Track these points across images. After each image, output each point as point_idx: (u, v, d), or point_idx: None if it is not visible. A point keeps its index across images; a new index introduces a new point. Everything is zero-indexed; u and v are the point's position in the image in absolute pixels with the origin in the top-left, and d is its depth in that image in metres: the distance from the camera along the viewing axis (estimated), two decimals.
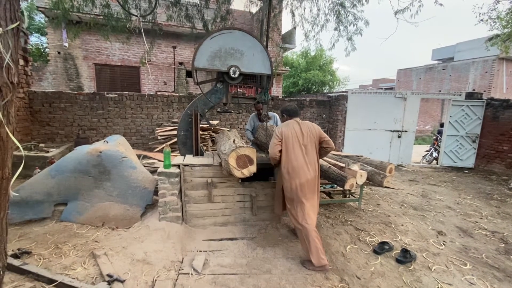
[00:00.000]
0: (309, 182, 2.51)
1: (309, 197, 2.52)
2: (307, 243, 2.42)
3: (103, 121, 6.23)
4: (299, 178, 2.48)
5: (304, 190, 2.49)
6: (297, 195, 2.50)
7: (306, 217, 2.47)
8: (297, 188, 2.49)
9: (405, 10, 4.86)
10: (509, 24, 5.61)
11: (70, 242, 2.68)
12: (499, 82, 14.12)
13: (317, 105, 8.15)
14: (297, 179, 2.48)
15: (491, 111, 6.98)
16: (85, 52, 9.31)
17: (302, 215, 2.48)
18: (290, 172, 2.52)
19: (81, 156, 3.22)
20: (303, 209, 2.49)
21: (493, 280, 2.39)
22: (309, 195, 2.52)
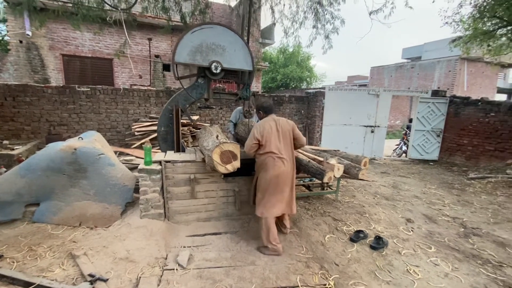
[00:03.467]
0: (285, 175, 2.64)
1: (283, 189, 2.66)
2: (266, 232, 2.61)
3: (75, 116, 5.89)
4: (275, 170, 2.60)
5: (278, 182, 2.62)
6: (270, 186, 2.62)
7: (273, 209, 2.63)
8: (271, 179, 2.60)
9: (379, 11, 5.10)
10: (470, 27, 6.09)
11: (45, 244, 2.56)
12: (460, 80, 15.29)
13: (296, 101, 8.32)
14: (274, 171, 2.59)
15: (453, 108, 7.58)
16: (51, 41, 8.66)
17: (269, 206, 2.62)
18: (267, 164, 2.62)
19: (54, 153, 3.05)
20: (272, 200, 2.63)
21: (454, 261, 2.66)
22: (283, 187, 2.66)
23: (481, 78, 16.01)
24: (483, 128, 6.89)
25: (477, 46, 6.48)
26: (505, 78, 19.06)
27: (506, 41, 6.03)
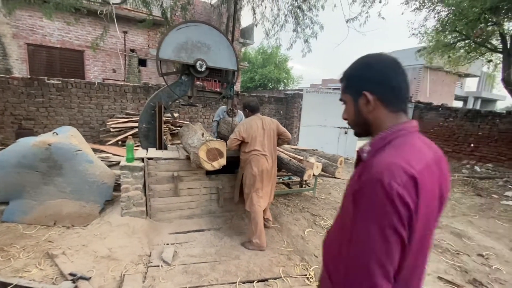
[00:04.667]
0: (268, 171, 2.78)
1: (265, 184, 2.81)
2: (254, 224, 2.71)
3: (43, 110, 5.51)
4: (259, 166, 2.72)
5: (262, 177, 2.75)
6: (255, 182, 2.74)
7: (260, 201, 2.76)
8: (256, 175, 2.72)
9: (355, 19, 5.42)
10: (433, 39, 6.67)
11: (18, 244, 2.43)
12: (423, 87, 16.56)
13: (275, 102, 8.51)
14: (257, 167, 2.72)
15: (418, 112, 8.24)
16: (15, 29, 7.98)
17: (257, 199, 2.74)
18: (252, 161, 2.74)
19: (25, 149, 2.88)
20: (258, 194, 2.76)
21: None
22: (266, 182, 2.80)
23: (441, 86, 17.48)
24: (443, 131, 7.58)
25: (439, 56, 7.11)
26: (462, 87, 20.99)
27: (464, 53, 6.70)
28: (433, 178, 0.73)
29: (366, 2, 5.30)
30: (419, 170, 0.67)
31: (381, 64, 0.80)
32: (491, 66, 6.76)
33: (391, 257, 0.65)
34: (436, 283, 2.40)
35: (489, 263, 2.77)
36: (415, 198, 0.65)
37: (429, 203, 0.70)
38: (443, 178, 0.77)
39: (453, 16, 5.61)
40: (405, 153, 0.71)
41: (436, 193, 0.74)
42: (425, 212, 0.68)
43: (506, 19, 5.20)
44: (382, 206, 0.64)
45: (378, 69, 0.79)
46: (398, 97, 0.79)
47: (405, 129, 0.76)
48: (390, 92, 0.79)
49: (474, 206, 4.49)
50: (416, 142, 0.75)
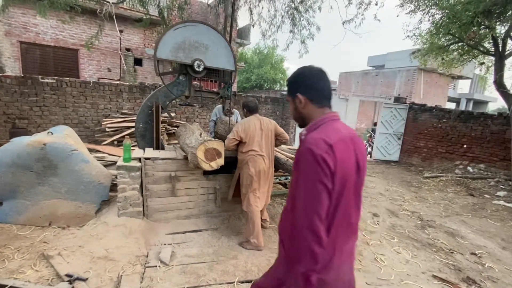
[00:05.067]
0: (265, 172, 2.80)
1: (262, 184, 2.82)
2: (251, 224, 2.72)
3: (37, 109, 5.44)
4: (256, 167, 2.74)
5: (259, 178, 2.77)
6: (253, 182, 2.75)
7: (257, 201, 2.77)
8: (253, 175, 2.73)
9: (351, 21, 5.47)
10: (427, 41, 6.77)
11: (12, 245, 2.39)
12: (417, 89, 16.77)
13: (272, 102, 8.53)
14: (254, 168, 2.73)
15: (412, 114, 8.35)
16: (8, 27, 7.85)
17: (254, 200, 2.76)
18: (249, 161, 2.75)
19: (20, 148, 2.84)
20: (255, 195, 2.77)
21: (413, 249, 2.99)
22: (263, 182, 2.82)
23: (435, 87, 17.72)
24: (436, 132, 7.69)
25: (433, 58, 7.21)
26: (455, 89, 21.34)
27: (457, 55, 6.81)
28: (348, 149, 0.98)
29: (362, 4, 5.36)
30: (334, 141, 0.93)
31: (309, 73, 1.07)
32: (483, 68, 6.89)
33: (323, 204, 0.88)
34: (431, 281, 2.44)
35: (482, 261, 2.83)
36: (334, 159, 0.89)
37: (346, 165, 0.94)
38: (358, 150, 1.01)
39: (447, 19, 5.70)
40: (326, 132, 0.97)
41: (352, 159, 0.98)
42: (343, 171, 0.92)
43: (498, 22, 5.31)
44: (313, 167, 0.89)
45: (307, 77, 1.07)
46: (322, 96, 1.07)
47: (328, 118, 1.04)
48: (316, 94, 1.06)
49: (467, 206, 4.57)
50: (335, 125, 1.02)
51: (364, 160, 1.04)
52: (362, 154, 1.03)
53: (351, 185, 0.97)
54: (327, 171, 0.87)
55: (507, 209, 4.51)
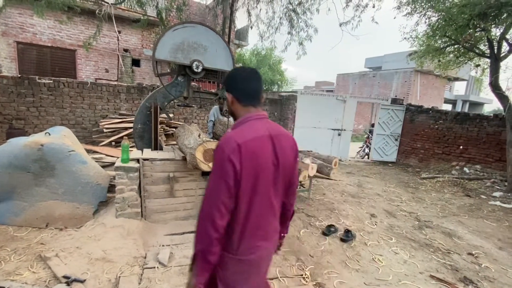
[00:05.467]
0: None
1: None
2: None
3: (34, 110, 5.39)
4: None
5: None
6: None
7: None
8: None
9: (348, 23, 5.51)
10: (424, 43, 6.83)
11: (8, 247, 2.37)
12: (414, 90, 16.90)
13: (270, 104, 8.55)
14: None
15: (409, 115, 8.41)
16: (5, 27, 7.79)
17: None
18: None
19: (17, 149, 2.82)
20: None
21: (411, 250, 3.01)
22: None
23: (431, 89, 17.88)
24: (433, 133, 7.75)
25: (429, 60, 7.27)
26: (451, 90, 21.52)
27: (453, 58, 6.87)
28: (263, 146, 1.08)
29: (359, 7, 5.40)
30: (245, 140, 1.03)
31: (238, 74, 1.17)
32: (479, 70, 6.95)
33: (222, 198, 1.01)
34: (428, 281, 2.45)
35: (479, 261, 2.85)
36: (240, 158, 1.00)
37: (258, 161, 1.05)
38: (278, 147, 1.12)
39: (443, 21, 5.76)
40: (241, 131, 1.08)
41: (268, 155, 1.09)
42: (254, 166, 1.04)
43: (493, 25, 5.37)
44: (220, 164, 1.02)
45: (235, 78, 1.17)
46: (247, 97, 1.15)
47: (251, 117, 1.13)
48: (241, 93, 1.15)
49: (463, 207, 4.60)
50: (255, 125, 1.11)
51: (285, 155, 1.15)
52: (283, 150, 1.13)
53: (268, 177, 1.10)
54: (231, 170, 0.99)
55: (503, 209, 4.55)
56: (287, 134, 1.20)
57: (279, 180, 1.14)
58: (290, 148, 1.18)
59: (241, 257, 1.10)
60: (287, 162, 1.16)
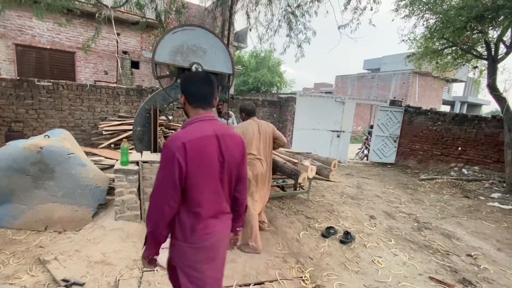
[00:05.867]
0: (262, 174, 2.82)
1: (260, 187, 2.85)
2: (250, 228, 2.71)
3: (33, 112, 5.39)
4: (254, 170, 2.75)
5: (257, 181, 2.78)
6: (251, 185, 2.76)
7: (255, 205, 2.78)
8: (251, 179, 2.74)
9: (346, 25, 5.54)
10: (422, 45, 6.87)
11: (7, 250, 2.37)
12: (413, 92, 16.97)
13: (269, 105, 8.57)
14: (252, 171, 2.75)
15: (408, 116, 8.44)
16: (3, 29, 7.79)
17: (252, 203, 2.76)
18: (247, 165, 2.75)
19: (16, 152, 2.82)
20: (253, 197, 2.78)
21: (410, 251, 3.02)
22: (261, 185, 2.84)
23: (430, 90, 17.96)
24: (431, 135, 7.78)
25: (427, 62, 7.31)
26: (449, 92, 21.62)
27: (451, 59, 6.91)
28: (208, 145, 1.18)
29: (357, 10, 5.43)
30: (190, 139, 1.13)
31: (189, 78, 1.30)
32: (476, 72, 6.99)
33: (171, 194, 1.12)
34: (428, 283, 2.46)
35: (478, 263, 2.86)
36: (185, 155, 1.10)
37: (203, 158, 1.16)
38: (224, 145, 1.22)
39: (440, 24, 5.80)
40: (188, 130, 1.19)
41: (213, 153, 1.20)
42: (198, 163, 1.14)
43: (490, 27, 5.41)
44: (166, 160, 1.12)
45: (187, 82, 1.29)
46: (196, 99, 1.26)
47: (198, 118, 1.23)
48: (191, 96, 1.26)
49: (462, 208, 4.62)
50: (202, 125, 1.21)
51: (231, 153, 1.26)
52: (228, 148, 1.24)
53: (214, 173, 1.22)
54: (177, 167, 1.09)
55: (501, 210, 4.57)
56: (233, 134, 1.31)
57: (225, 175, 1.26)
58: (235, 146, 1.29)
59: (196, 245, 1.20)
60: (232, 159, 1.27)
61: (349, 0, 5.31)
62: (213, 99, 1.32)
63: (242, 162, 1.35)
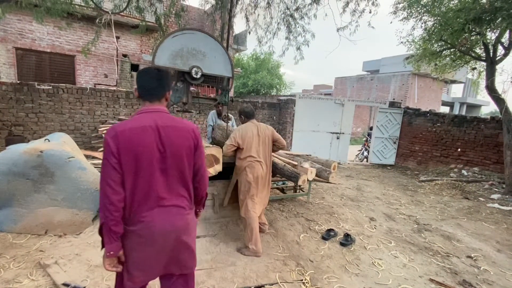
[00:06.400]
0: (262, 177, 2.83)
1: (260, 190, 2.85)
2: (250, 230, 2.72)
3: (33, 116, 5.40)
4: (254, 173, 2.76)
5: (257, 183, 2.79)
6: (251, 188, 2.77)
7: (255, 207, 2.78)
8: (251, 181, 2.75)
9: (345, 28, 5.57)
10: (420, 47, 6.90)
11: (8, 254, 2.37)
12: (412, 93, 17.02)
13: (269, 107, 8.59)
14: (252, 174, 2.76)
15: (407, 118, 8.46)
16: (3, 33, 7.83)
17: (252, 206, 2.77)
18: (247, 168, 2.78)
19: (16, 156, 2.83)
20: (253, 201, 2.79)
21: (410, 253, 3.02)
22: (261, 187, 2.84)
23: (429, 92, 18.00)
24: (431, 136, 7.80)
25: (426, 64, 7.34)
26: (448, 93, 21.67)
27: (449, 61, 6.94)
28: (145, 135, 1.26)
29: (355, 12, 5.46)
30: (124, 129, 1.23)
31: (140, 73, 1.38)
32: (475, 73, 7.01)
33: (110, 175, 1.21)
34: (428, 285, 2.46)
35: (478, 264, 2.86)
36: (117, 143, 1.21)
37: (138, 147, 1.23)
38: (164, 136, 1.29)
39: (439, 26, 5.83)
40: (127, 121, 1.28)
41: (150, 143, 1.26)
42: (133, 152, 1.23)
43: (488, 29, 5.44)
44: (104, 148, 1.22)
45: (138, 76, 1.39)
46: (143, 92, 1.36)
47: (143, 110, 1.34)
48: (139, 89, 1.37)
49: (462, 209, 4.62)
50: (143, 116, 1.31)
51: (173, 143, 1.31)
52: (170, 139, 1.30)
53: (151, 161, 1.27)
54: (110, 152, 1.20)
55: (501, 212, 4.57)
56: (178, 126, 1.35)
57: (169, 165, 1.31)
58: (180, 138, 1.34)
59: (131, 227, 1.27)
60: (176, 150, 1.32)
61: (347, 3, 5.34)
62: (163, 94, 1.38)
63: (194, 154, 1.39)
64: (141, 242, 1.29)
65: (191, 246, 1.42)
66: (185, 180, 1.38)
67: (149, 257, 1.32)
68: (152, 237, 1.29)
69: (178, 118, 1.41)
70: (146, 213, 1.28)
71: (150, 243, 1.29)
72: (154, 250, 1.31)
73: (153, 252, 1.31)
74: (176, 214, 1.36)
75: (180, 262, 1.41)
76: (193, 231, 1.46)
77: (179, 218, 1.36)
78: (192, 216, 1.46)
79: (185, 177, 1.38)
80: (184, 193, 1.39)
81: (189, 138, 1.37)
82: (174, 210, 1.35)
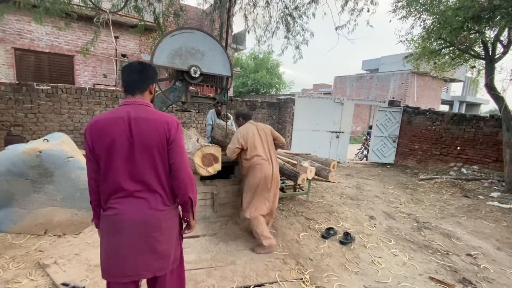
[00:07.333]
0: (271, 176, 2.80)
1: (270, 188, 2.83)
2: (255, 233, 2.73)
3: (32, 116, 5.40)
4: (262, 172, 2.75)
5: (266, 183, 2.77)
6: (260, 187, 2.76)
7: (262, 207, 2.79)
8: (260, 181, 2.74)
9: (343, 27, 5.57)
10: (419, 46, 6.90)
11: (7, 254, 2.37)
12: (411, 92, 17.02)
13: (268, 107, 8.59)
14: (261, 173, 2.74)
15: (406, 116, 8.46)
16: (2, 33, 7.81)
17: (259, 205, 2.77)
18: (255, 167, 2.76)
19: (15, 156, 2.83)
20: (261, 199, 2.78)
21: (410, 251, 3.02)
22: (271, 186, 2.82)
23: (428, 90, 18.01)
24: (430, 135, 7.80)
25: (425, 62, 7.34)
26: (447, 91, 21.68)
27: (448, 59, 6.95)
28: (116, 125, 1.29)
29: (354, 11, 5.46)
30: (96, 120, 1.30)
31: (123, 69, 1.42)
32: (474, 72, 7.02)
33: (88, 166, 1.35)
34: (428, 283, 2.46)
35: (477, 262, 2.86)
36: (91, 134, 1.29)
37: (104, 137, 1.27)
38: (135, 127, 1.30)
39: (438, 24, 5.83)
40: (105, 113, 1.35)
41: (120, 134, 1.29)
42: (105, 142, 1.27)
43: (487, 27, 5.44)
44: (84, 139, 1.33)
45: (122, 71, 1.43)
46: (125, 86, 1.40)
47: (123, 103, 1.38)
48: (123, 84, 1.41)
49: (461, 207, 4.62)
50: (120, 108, 1.35)
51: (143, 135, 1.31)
52: (140, 131, 1.31)
53: (121, 151, 1.30)
54: (86, 143, 1.30)
55: (501, 210, 4.58)
56: (150, 118, 1.34)
57: (138, 157, 1.32)
58: (150, 130, 1.32)
59: (105, 212, 1.35)
60: (146, 142, 1.32)
61: (346, 2, 5.34)
62: (145, 86, 1.41)
63: (165, 148, 1.36)
64: (111, 228, 1.34)
65: (161, 247, 1.36)
66: (159, 176, 1.35)
67: (116, 246, 1.32)
68: (120, 224, 1.31)
69: (156, 111, 1.40)
70: (115, 200, 1.32)
71: (118, 230, 1.32)
72: (122, 239, 1.31)
73: (121, 240, 1.31)
74: (147, 208, 1.33)
75: (145, 261, 1.34)
76: (166, 231, 1.38)
77: (149, 214, 1.33)
78: (169, 217, 1.40)
79: (158, 172, 1.35)
80: (158, 189, 1.36)
81: (161, 131, 1.33)
82: (144, 203, 1.33)
